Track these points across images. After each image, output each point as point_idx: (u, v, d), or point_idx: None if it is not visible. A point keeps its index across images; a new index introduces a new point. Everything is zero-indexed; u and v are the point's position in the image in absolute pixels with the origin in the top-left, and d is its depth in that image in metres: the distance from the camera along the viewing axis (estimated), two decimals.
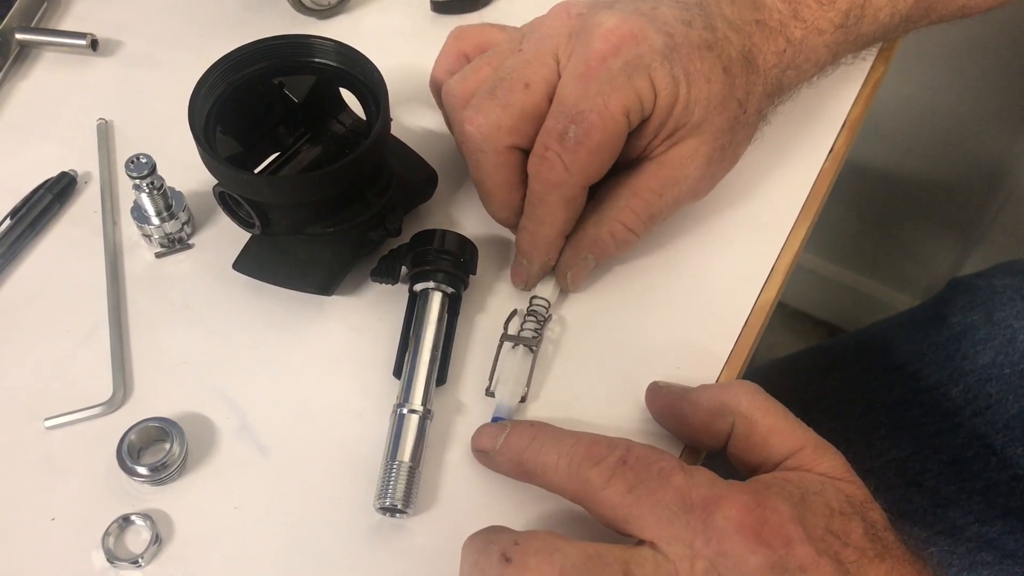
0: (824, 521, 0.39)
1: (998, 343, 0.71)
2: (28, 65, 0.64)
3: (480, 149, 0.49)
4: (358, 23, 0.66)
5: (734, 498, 0.39)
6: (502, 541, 0.40)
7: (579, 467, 0.42)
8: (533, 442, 0.44)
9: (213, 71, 0.50)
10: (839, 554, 0.38)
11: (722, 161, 0.51)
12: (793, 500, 0.39)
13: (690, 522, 0.39)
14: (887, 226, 1.39)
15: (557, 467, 0.43)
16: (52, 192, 0.57)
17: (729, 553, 0.38)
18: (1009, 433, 0.68)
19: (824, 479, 0.42)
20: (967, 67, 1.14)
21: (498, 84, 0.48)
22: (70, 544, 0.46)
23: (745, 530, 0.38)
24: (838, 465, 0.43)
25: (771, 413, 0.44)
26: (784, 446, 0.43)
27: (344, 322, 0.53)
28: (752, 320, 0.53)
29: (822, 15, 0.53)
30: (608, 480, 0.41)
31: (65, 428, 0.49)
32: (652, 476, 0.40)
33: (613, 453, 0.41)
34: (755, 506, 0.38)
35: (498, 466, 0.46)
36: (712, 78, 0.48)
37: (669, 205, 0.51)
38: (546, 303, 0.52)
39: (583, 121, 0.46)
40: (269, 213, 0.50)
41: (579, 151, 0.47)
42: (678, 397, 0.47)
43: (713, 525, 0.38)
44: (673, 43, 0.47)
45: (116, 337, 0.52)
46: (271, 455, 0.49)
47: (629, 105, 0.47)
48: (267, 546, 0.46)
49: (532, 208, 0.50)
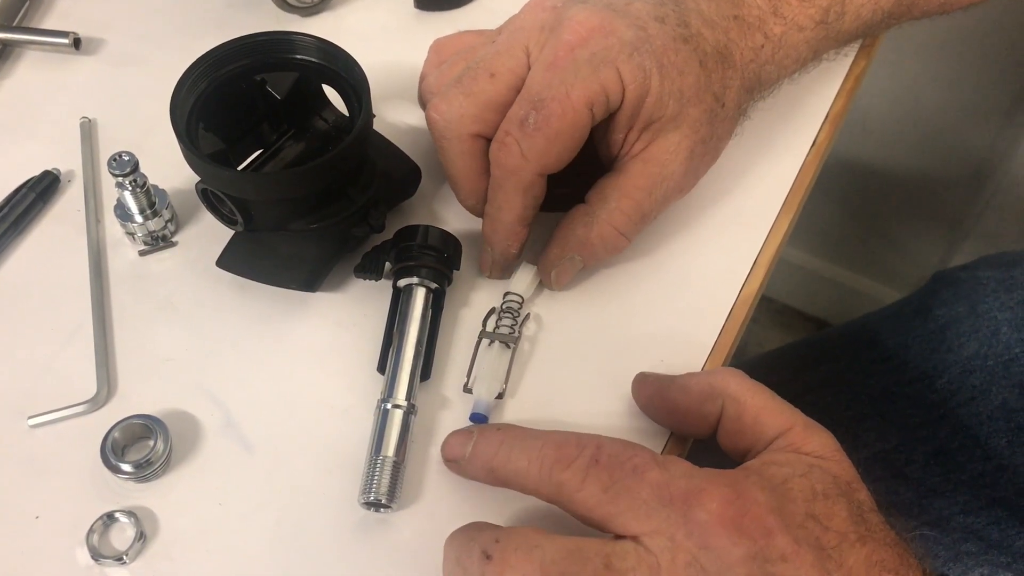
0: (805, 507, 0.39)
1: (982, 335, 0.71)
2: (10, 64, 0.64)
3: (444, 136, 0.50)
4: (342, 20, 0.66)
5: (713, 491, 0.39)
6: (482, 538, 0.40)
7: (550, 471, 0.41)
8: (501, 447, 0.44)
9: (195, 68, 0.50)
10: (819, 539, 0.39)
11: (704, 155, 0.51)
12: (771, 489, 0.39)
13: (670, 516, 0.39)
14: (875, 222, 1.39)
15: (528, 473, 0.42)
16: (35, 191, 0.56)
17: (711, 546, 0.38)
18: (993, 424, 0.69)
19: (811, 459, 0.42)
20: (953, 62, 1.14)
21: (465, 73, 0.49)
22: (54, 542, 0.46)
23: (726, 523, 0.38)
24: (827, 444, 0.43)
25: (759, 394, 0.45)
26: (774, 426, 0.44)
27: (328, 318, 0.53)
28: (736, 312, 0.54)
29: (802, 11, 0.53)
30: (582, 482, 0.40)
31: (49, 426, 0.49)
32: (627, 474, 0.40)
33: (583, 453, 0.41)
34: (734, 498, 0.39)
35: (469, 475, 0.46)
36: (686, 70, 0.48)
37: (659, 203, 0.51)
38: (519, 299, 0.52)
39: (543, 108, 0.46)
40: (252, 210, 0.50)
41: (536, 137, 0.47)
42: (666, 384, 0.47)
43: (693, 518, 0.38)
44: (645, 35, 0.48)
45: (100, 335, 0.52)
46: (255, 451, 0.49)
47: (592, 96, 0.47)
48: (252, 542, 0.46)
49: (492, 194, 0.50)
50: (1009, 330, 0.70)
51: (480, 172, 0.51)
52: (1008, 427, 0.69)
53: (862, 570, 0.39)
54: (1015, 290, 0.72)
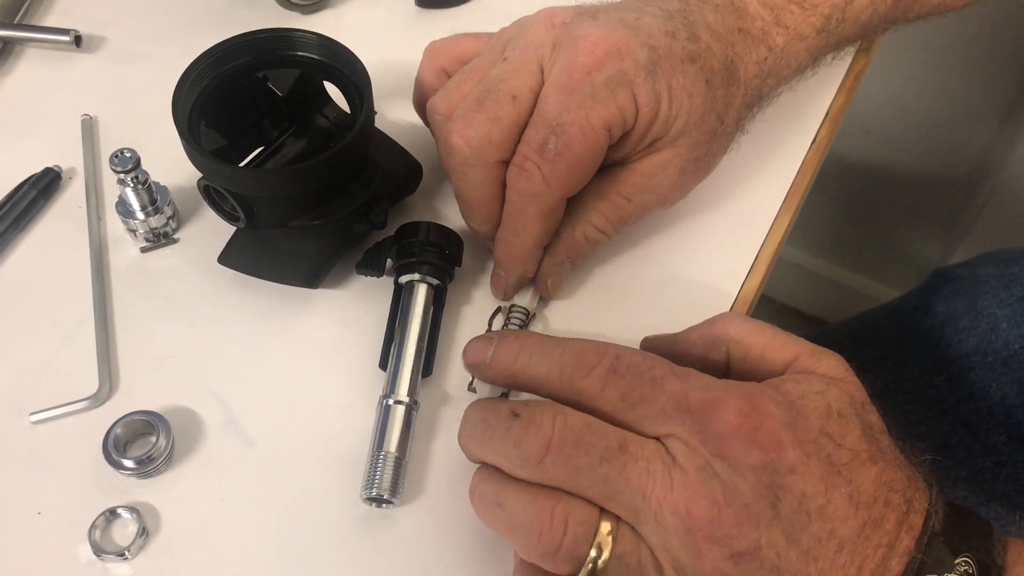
0: (819, 423, 0.40)
1: (981, 331, 0.72)
2: (12, 61, 0.64)
3: (468, 163, 0.48)
4: (342, 18, 0.66)
5: (730, 402, 0.39)
6: (510, 402, 0.42)
7: (570, 379, 0.42)
8: (521, 353, 0.44)
9: (197, 65, 0.50)
10: (831, 456, 0.39)
11: (696, 172, 0.52)
12: (787, 404, 0.40)
13: (685, 422, 0.39)
14: (874, 221, 1.40)
15: (548, 379, 0.43)
16: (36, 188, 0.57)
17: (724, 455, 0.38)
18: (993, 420, 0.69)
19: (827, 378, 0.42)
20: (951, 62, 1.14)
21: (486, 96, 0.48)
22: (57, 538, 0.46)
23: (740, 434, 0.39)
24: (838, 366, 0.43)
25: (761, 332, 0.45)
26: (780, 358, 0.44)
27: (330, 315, 0.53)
28: (737, 309, 0.54)
29: (804, 20, 0.53)
30: (601, 390, 0.41)
31: (51, 423, 0.49)
32: (645, 383, 0.41)
33: (602, 362, 0.42)
34: (749, 411, 0.39)
35: (490, 379, 0.47)
36: (694, 92, 0.48)
37: (637, 209, 0.51)
38: (524, 310, 0.52)
39: (564, 133, 0.46)
40: (254, 206, 0.50)
41: (558, 163, 0.47)
42: (672, 343, 0.48)
43: (709, 427, 0.39)
44: (657, 57, 0.47)
45: (101, 331, 0.52)
46: (257, 447, 0.49)
47: (611, 120, 0.47)
48: (254, 538, 0.46)
49: (509, 219, 0.50)
50: (1008, 326, 0.70)
51: (498, 197, 0.50)
52: (1007, 423, 0.69)
53: (871, 488, 0.39)
54: (1014, 287, 0.72)
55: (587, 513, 0.40)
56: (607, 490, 0.39)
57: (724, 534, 0.38)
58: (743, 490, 0.38)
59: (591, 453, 0.39)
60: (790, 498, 0.38)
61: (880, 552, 0.39)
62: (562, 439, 0.40)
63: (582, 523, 0.39)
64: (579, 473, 0.39)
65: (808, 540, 0.38)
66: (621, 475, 0.39)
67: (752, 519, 0.38)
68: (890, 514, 0.39)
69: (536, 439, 0.40)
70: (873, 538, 0.39)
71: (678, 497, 0.38)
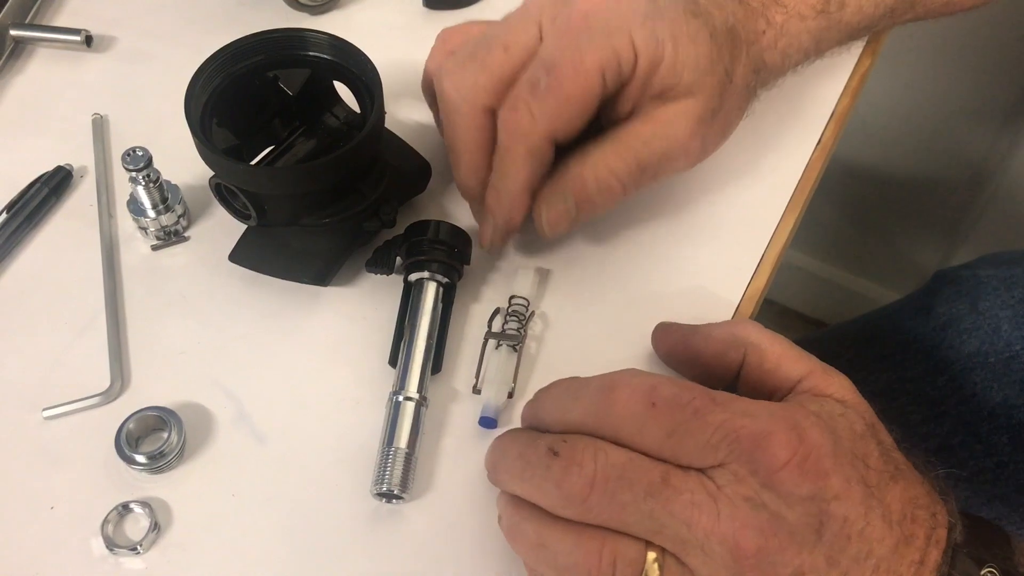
0: (850, 446, 0.40)
1: (983, 333, 0.72)
2: (23, 61, 0.65)
3: (456, 109, 0.49)
4: (351, 18, 0.67)
5: (779, 436, 0.39)
6: (547, 438, 0.41)
7: (606, 418, 0.41)
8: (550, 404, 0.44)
9: (209, 64, 0.51)
10: (864, 478, 0.40)
11: (712, 124, 0.51)
12: (829, 431, 0.40)
13: (733, 452, 0.39)
14: (875, 224, 1.40)
15: (584, 424, 0.42)
16: (48, 186, 0.57)
17: (774, 487, 0.39)
18: (994, 421, 0.69)
19: (841, 402, 0.43)
20: (952, 65, 1.15)
21: (478, 46, 0.49)
22: (69, 532, 0.47)
23: (791, 467, 0.39)
24: (846, 387, 0.44)
25: (779, 342, 0.45)
26: (794, 370, 0.44)
27: (340, 312, 0.54)
28: (742, 309, 0.54)
29: (803, 0, 0.54)
30: (641, 428, 0.40)
31: (63, 418, 0.50)
32: (688, 417, 0.40)
33: (637, 398, 0.41)
34: (798, 444, 0.39)
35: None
36: (699, 41, 0.48)
37: (657, 157, 0.50)
38: (525, 302, 0.53)
39: (555, 71, 0.46)
40: (265, 204, 0.50)
41: (547, 99, 0.47)
42: (689, 333, 0.48)
43: (759, 460, 0.39)
44: (657, 8, 0.48)
45: (113, 328, 0.52)
46: (268, 443, 0.49)
47: (604, 62, 0.47)
48: (265, 532, 0.47)
49: (498, 162, 0.50)
50: (1010, 328, 0.71)
51: (485, 148, 0.50)
52: (1009, 424, 0.69)
53: (898, 506, 0.40)
54: (1015, 288, 0.72)
55: (634, 551, 0.39)
56: (653, 524, 0.39)
57: (770, 561, 0.38)
58: (790, 519, 0.38)
59: (635, 489, 0.39)
60: (833, 524, 0.38)
61: (912, 569, 0.39)
62: (605, 477, 0.39)
63: (630, 562, 0.39)
64: (624, 510, 0.39)
65: (847, 562, 0.38)
66: (666, 508, 0.39)
67: (796, 545, 0.38)
68: (918, 530, 0.40)
69: (579, 479, 0.39)
70: (906, 555, 0.39)
71: (726, 527, 0.38)
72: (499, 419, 0.49)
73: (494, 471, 0.43)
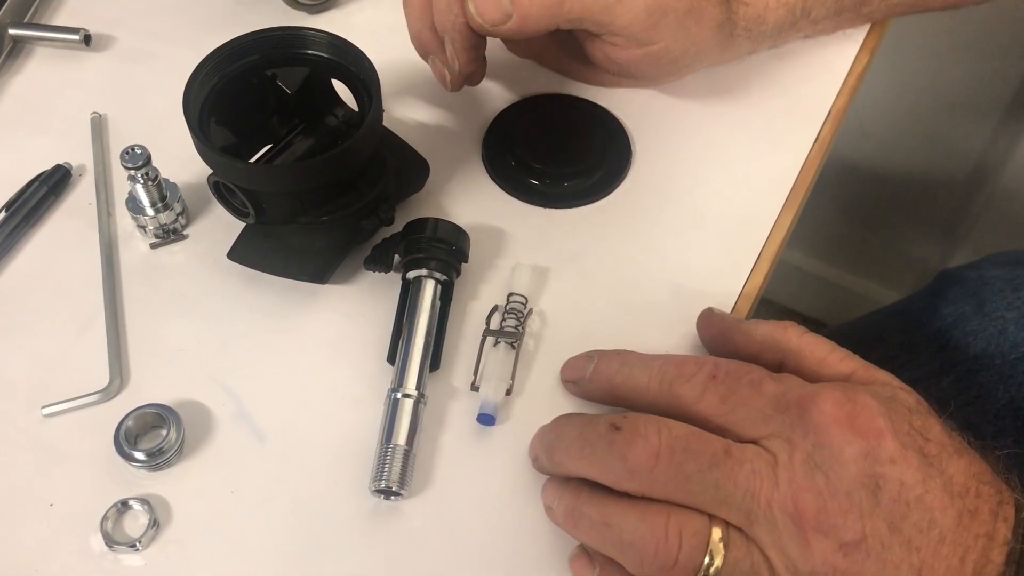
0: (906, 417, 0.41)
1: (988, 334, 0.72)
2: (21, 60, 0.65)
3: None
4: (349, 17, 0.67)
5: (827, 394, 0.40)
6: (606, 416, 0.43)
7: (670, 385, 0.43)
8: (623, 367, 0.46)
9: (207, 62, 0.51)
10: (922, 448, 0.40)
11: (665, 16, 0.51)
12: (879, 398, 0.41)
13: (786, 420, 0.40)
14: (874, 223, 1.40)
15: (648, 388, 0.44)
16: (47, 184, 0.57)
17: (826, 444, 0.39)
18: (999, 423, 0.69)
19: (889, 387, 0.43)
20: (951, 63, 1.15)
21: None
22: (69, 529, 0.47)
23: (840, 422, 0.39)
24: (893, 379, 0.44)
25: (820, 347, 0.46)
26: (836, 372, 0.45)
27: (338, 310, 0.54)
28: (739, 308, 0.54)
29: None
30: (701, 395, 0.42)
31: (63, 416, 0.50)
32: (743, 386, 0.42)
33: (702, 370, 0.43)
34: (847, 401, 0.40)
35: (589, 394, 0.48)
36: None
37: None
38: (523, 299, 0.53)
39: None
40: (263, 202, 0.51)
41: None
42: (731, 326, 0.49)
43: (809, 420, 0.40)
44: None
45: (112, 326, 0.53)
46: (267, 440, 0.49)
47: None
48: (264, 529, 0.47)
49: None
50: (1016, 329, 0.70)
51: None
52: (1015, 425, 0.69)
53: (962, 479, 0.40)
54: (1022, 289, 0.72)
55: (699, 523, 0.40)
56: (717, 495, 0.40)
57: (831, 524, 0.38)
58: (845, 479, 0.39)
59: (699, 460, 0.40)
60: (890, 487, 0.39)
61: (980, 542, 0.39)
62: (670, 448, 0.40)
63: (696, 533, 0.40)
64: (689, 481, 0.40)
65: (909, 529, 0.39)
66: (730, 479, 0.39)
67: (855, 508, 0.38)
68: (983, 505, 0.40)
69: (644, 450, 0.40)
70: (972, 528, 0.39)
71: (784, 493, 0.39)
72: (497, 416, 0.49)
73: (551, 453, 0.44)
